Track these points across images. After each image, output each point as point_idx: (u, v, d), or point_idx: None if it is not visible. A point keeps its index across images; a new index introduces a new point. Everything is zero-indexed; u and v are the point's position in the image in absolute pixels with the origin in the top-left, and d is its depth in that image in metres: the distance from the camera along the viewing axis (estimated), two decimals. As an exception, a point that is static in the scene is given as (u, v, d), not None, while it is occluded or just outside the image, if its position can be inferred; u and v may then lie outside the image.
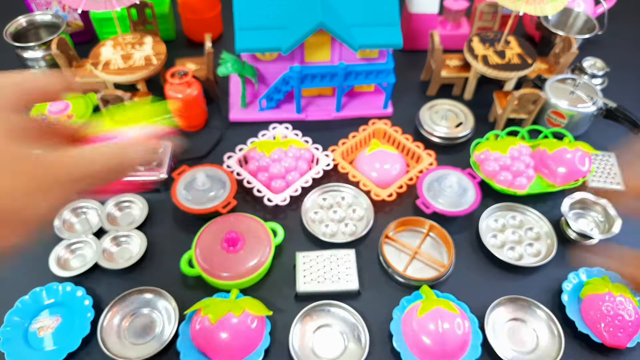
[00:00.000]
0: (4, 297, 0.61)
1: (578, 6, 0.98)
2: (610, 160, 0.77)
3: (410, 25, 0.95)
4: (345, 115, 0.85)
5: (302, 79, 0.78)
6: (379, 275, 0.65)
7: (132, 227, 0.68)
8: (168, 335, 0.58)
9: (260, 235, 0.65)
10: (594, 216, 0.71)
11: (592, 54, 0.93)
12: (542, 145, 0.74)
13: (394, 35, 0.75)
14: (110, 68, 0.76)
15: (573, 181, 0.71)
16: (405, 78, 0.93)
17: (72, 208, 0.70)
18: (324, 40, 0.75)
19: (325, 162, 0.74)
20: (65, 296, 0.60)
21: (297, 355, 0.56)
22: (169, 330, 0.58)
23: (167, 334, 0.58)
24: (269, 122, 0.81)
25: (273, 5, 0.72)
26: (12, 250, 0.28)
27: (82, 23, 0.95)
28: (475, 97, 0.89)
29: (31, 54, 0.85)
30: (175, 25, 0.99)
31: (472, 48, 0.82)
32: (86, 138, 0.35)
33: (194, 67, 0.85)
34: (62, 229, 0.67)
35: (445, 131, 0.79)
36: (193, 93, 0.76)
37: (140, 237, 0.67)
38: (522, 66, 0.80)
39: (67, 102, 0.76)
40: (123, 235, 0.67)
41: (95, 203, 0.70)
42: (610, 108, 0.78)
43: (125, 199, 0.71)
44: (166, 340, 0.57)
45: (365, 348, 0.57)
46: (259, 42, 0.73)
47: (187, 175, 0.72)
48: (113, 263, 0.64)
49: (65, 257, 0.65)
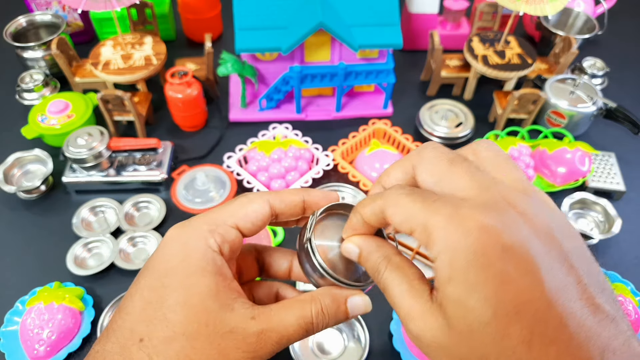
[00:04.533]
0: (4, 297, 0.61)
1: (578, 6, 0.98)
2: (610, 160, 0.77)
3: (410, 25, 0.95)
4: (345, 115, 0.85)
5: (302, 79, 0.78)
6: (379, 275, 0.65)
7: (149, 227, 0.68)
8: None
9: (260, 235, 0.65)
10: (594, 216, 0.71)
11: (592, 54, 0.93)
12: (542, 145, 0.74)
13: (394, 35, 0.75)
14: (110, 68, 0.76)
15: (573, 181, 0.71)
16: (405, 78, 0.93)
17: (90, 207, 0.70)
18: (324, 40, 0.75)
19: (325, 162, 0.74)
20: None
21: (297, 355, 0.56)
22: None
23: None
24: (269, 122, 0.81)
25: (273, 5, 0.72)
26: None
27: (82, 23, 0.95)
28: (475, 97, 0.89)
29: (31, 54, 0.85)
30: (175, 25, 0.99)
31: (472, 48, 0.82)
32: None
33: (194, 67, 0.85)
34: (80, 227, 0.67)
35: (445, 131, 0.79)
36: (193, 93, 0.76)
37: (157, 238, 0.67)
38: (522, 66, 0.80)
39: (66, 102, 0.76)
40: (140, 236, 0.67)
41: (113, 202, 0.70)
42: (610, 108, 0.78)
43: (143, 199, 0.71)
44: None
45: (365, 348, 0.57)
46: (259, 42, 0.73)
47: (187, 175, 0.72)
48: (129, 263, 0.64)
49: (83, 255, 0.65)
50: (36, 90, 0.81)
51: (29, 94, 0.81)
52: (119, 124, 0.81)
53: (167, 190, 0.73)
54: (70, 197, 0.73)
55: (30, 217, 0.71)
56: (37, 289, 0.59)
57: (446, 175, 0.25)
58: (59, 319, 0.56)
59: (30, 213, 0.71)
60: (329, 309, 0.29)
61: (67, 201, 0.72)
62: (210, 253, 0.28)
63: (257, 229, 0.31)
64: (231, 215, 0.30)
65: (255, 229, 0.31)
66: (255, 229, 0.31)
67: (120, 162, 0.73)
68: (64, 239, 0.67)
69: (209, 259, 0.28)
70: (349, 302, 0.30)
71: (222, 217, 0.30)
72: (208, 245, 0.28)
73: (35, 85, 0.81)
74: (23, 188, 0.70)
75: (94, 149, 0.70)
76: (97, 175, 0.72)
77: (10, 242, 0.68)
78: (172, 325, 0.26)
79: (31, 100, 0.81)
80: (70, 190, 0.74)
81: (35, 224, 0.70)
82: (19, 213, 0.71)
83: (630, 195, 0.74)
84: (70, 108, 0.75)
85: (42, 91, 0.82)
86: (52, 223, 0.70)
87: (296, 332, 0.28)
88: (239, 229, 0.30)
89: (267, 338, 0.27)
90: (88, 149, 0.70)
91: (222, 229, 0.29)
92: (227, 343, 0.26)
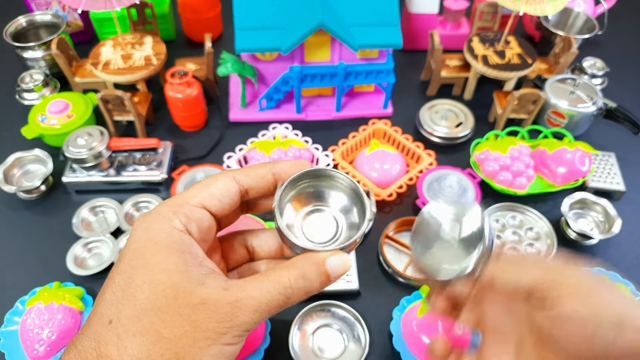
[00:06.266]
0: (4, 297, 0.61)
1: (578, 6, 0.98)
2: (610, 160, 0.77)
3: (410, 25, 0.95)
4: (345, 115, 0.85)
5: (302, 79, 0.78)
6: (379, 275, 0.65)
7: None
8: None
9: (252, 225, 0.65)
10: (594, 216, 0.71)
11: (592, 54, 0.93)
12: (542, 145, 0.74)
13: (394, 35, 0.75)
14: (110, 68, 0.76)
15: (573, 181, 0.71)
16: (405, 78, 0.93)
17: (90, 207, 0.70)
18: (324, 40, 0.75)
19: (325, 162, 0.74)
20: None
21: (297, 355, 0.56)
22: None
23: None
24: (269, 122, 0.81)
25: (273, 5, 0.72)
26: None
27: (82, 23, 0.95)
28: (475, 97, 0.89)
29: (31, 54, 0.85)
30: (175, 25, 0.99)
31: (472, 48, 0.82)
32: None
33: (194, 67, 0.85)
34: (80, 227, 0.67)
35: (445, 131, 0.79)
36: (193, 93, 0.76)
37: None
38: (522, 66, 0.80)
39: (66, 102, 0.76)
40: None
41: (113, 202, 0.70)
42: (610, 108, 0.78)
43: (143, 199, 0.71)
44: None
45: (365, 348, 0.57)
46: (259, 42, 0.73)
47: (187, 175, 0.72)
48: None
49: (83, 255, 0.65)
50: (36, 90, 0.81)
51: (29, 94, 0.81)
52: (119, 124, 0.81)
53: (167, 190, 0.73)
54: (70, 197, 0.73)
55: (30, 217, 0.71)
56: (37, 289, 0.59)
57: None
58: (59, 319, 0.56)
59: (30, 213, 0.71)
60: (309, 273, 0.29)
61: (67, 201, 0.72)
62: (177, 233, 0.28)
63: (227, 206, 0.31)
64: (194, 195, 0.30)
65: (225, 206, 0.31)
66: (225, 206, 0.31)
67: (120, 162, 0.73)
68: (64, 239, 0.67)
69: (175, 238, 0.28)
70: (328, 262, 0.30)
71: (185, 198, 0.30)
72: (173, 226, 0.28)
73: (35, 85, 0.81)
74: (23, 188, 0.70)
75: (94, 149, 0.70)
76: (97, 175, 0.72)
77: (10, 242, 0.68)
78: (139, 303, 0.26)
79: (31, 100, 0.81)
80: (70, 190, 0.74)
81: (35, 224, 0.70)
82: (19, 213, 0.71)
83: (630, 195, 0.74)
84: (70, 108, 0.75)
85: (42, 91, 0.82)
86: (52, 223, 0.70)
87: (274, 299, 0.28)
88: (206, 208, 0.30)
89: (243, 306, 0.27)
90: (88, 149, 0.70)
91: (186, 209, 0.29)
92: (198, 314, 0.26)
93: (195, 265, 0.28)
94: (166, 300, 0.26)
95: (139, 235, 0.28)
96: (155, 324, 0.25)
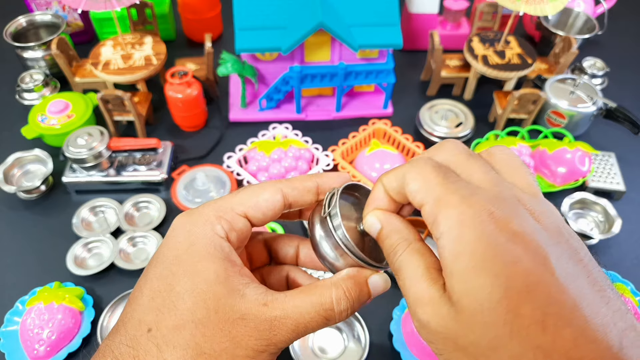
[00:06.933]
0: (4, 297, 0.61)
1: (578, 6, 0.98)
2: (610, 160, 0.77)
3: (410, 25, 0.95)
4: (345, 115, 0.85)
5: (302, 79, 0.78)
6: (379, 275, 0.65)
7: (149, 227, 0.68)
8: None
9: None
10: (594, 216, 0.71)
11: (592, 54, 0.93)
12: (542, 145, 0.74)
13: (394, 35, 0.74)
14: (110, 68, 0.76)
15: (573, 181, 0.71)
16: (405, 78, 0.93)
17: (90, 207, 0.70)
18: (324, 40, 0.75)
19: (325, 162, 0.74)
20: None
21: (297, 355, 0.56)
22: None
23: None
24: (269, 122, 0.81)
25: (273, 5, 0.72)
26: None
27: (82, 23, 0.95)
28: (475, 97, 0.89)
29: (31, 54, 0.85)
30: (175, 25, 0.99)
31: (472, 48, 0.82)
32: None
33: (194, 67, 0.85)
34: (81, 227, 0.67)
35: (445, 131, 0.79)
36: (193, 93, 0.76)
37: (156, 238, 0.66)
38: (522, 66, 0.80)
39: (66, 102, 0.76)
40: (140, 236, 0.67)
41: (113, 202, 0.70)
42: (610, 108, 0.78)
43: (143, 199, 0.71)
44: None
45: (365, 348, 0.57)
46: (259, 42, 0.73)
47: (187, 175, 0.72)
48: (129, 263, 0.64)
49: (83, 255, 0.65)
50: (36, 90, 0.81)
51: (29, 94, 0.81)
52: (119, 124, 0.81)
53: (167, 190, 0.73)
54: (70, 197, 0.73)
55: (30, 217, 0.71)
56: (37, 289, 0.59)
57: (463, 166, 0.25)
58: (59, 319, 0.56)
59: (30, 213, 0.71)
60: (352, 292, 0.28)
61: (67, 201, 0.72)
62: (218, 239, 0.27)
63: (267, 219, 0.30)
64: (240, 203, 0.29)
65: (265, 219, 0.30)
66: (265, 219, 0.30)
67: (120, 162, 0.73)
68: (64, 239, 0.67)
69: (216, 245, 0.27)
70: (370, 281, 0.29)
71: (230, 204, 0.29)
72: (215, 232, 0.27)
73: (35, 85, 0.81)
74: (23, 188, 0.70)
75: (94, 149, 0.70)
76: (97, 175, 0.72)
77: (10, 242, 0.68)
78: (180, 313, 0.25)
79: (31, 100, 0.81)
80: (70, 190, 0.74)
81: (35, 224, 0.70)
82: (19, 213, 0.71)
83: (630, 195, 0.74)
84: (70, 108, 0.75)
85: (42, 91, 0.82)
86: (52, 223, 0.70)
87: (314, 320, 0.27)
88: (248, 218, 0.29)
89: (282, 325, 0.26)
90: (88, 149, 0.70)
91: (229, 216, 0.28)
92: (238, 330, 0.25)
93: (235, 274, 0.27)
94: (207, 312, 0.25)
95: (181, 240, 0.28)
96: (196, 337, 0.25)
